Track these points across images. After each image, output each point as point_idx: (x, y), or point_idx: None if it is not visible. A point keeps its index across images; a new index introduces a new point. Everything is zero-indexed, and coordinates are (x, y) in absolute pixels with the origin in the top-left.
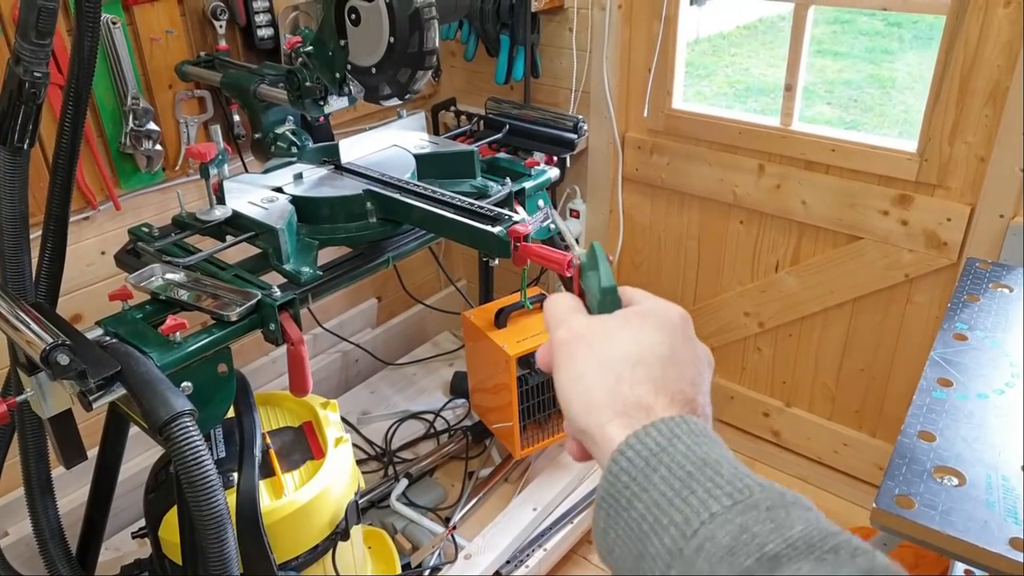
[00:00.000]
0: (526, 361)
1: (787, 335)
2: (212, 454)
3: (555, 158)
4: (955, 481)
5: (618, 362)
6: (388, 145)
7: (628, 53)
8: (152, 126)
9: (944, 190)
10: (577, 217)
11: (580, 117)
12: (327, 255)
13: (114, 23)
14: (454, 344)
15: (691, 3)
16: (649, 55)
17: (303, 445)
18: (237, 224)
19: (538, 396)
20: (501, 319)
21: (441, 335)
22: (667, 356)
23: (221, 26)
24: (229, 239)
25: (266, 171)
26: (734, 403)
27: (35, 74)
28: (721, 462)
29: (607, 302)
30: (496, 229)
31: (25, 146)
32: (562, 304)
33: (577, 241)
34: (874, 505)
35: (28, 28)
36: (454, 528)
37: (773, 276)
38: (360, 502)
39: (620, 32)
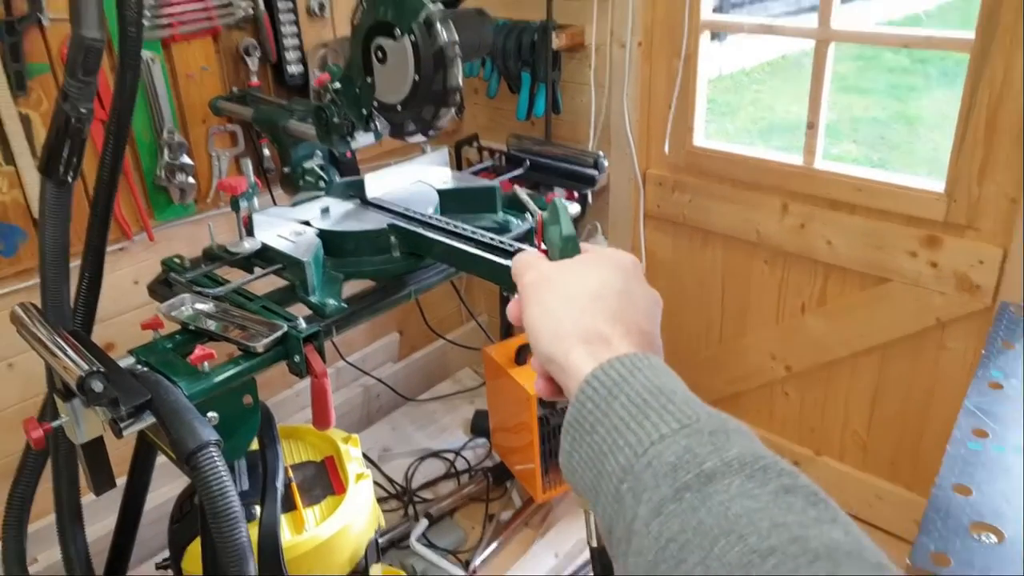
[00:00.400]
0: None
1: (815, 380)
2: (236, 486)
3: (576, 194)
4: (993, 539)
5: (580, 296)
6: (412, 180)
7: (648, 90)
8: (186, 159)
9: (975, 231)
10: None
11: (601, 153)
12: (351, 288)
13: (153, 60)
14: (475, 381)
15: (712, 39)
16: (669, 92)
17: (324, 480)
18: (266, 256)
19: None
20: (522, 356)
21: (462, 371)
22: (623, 291)
23: (253, 63)
24: (257, 271)
25: (294, 205)
26: None
27: (81, 110)
28: (676, 391)
29: (568, 248)
30: None
31: (70, 179)
32: (527, 255)
33: None
34: (908, 562)
35: (76, 66)
36: (474, 573)
37: (799, 318)
38: (380, 541)
39: (640, 69)
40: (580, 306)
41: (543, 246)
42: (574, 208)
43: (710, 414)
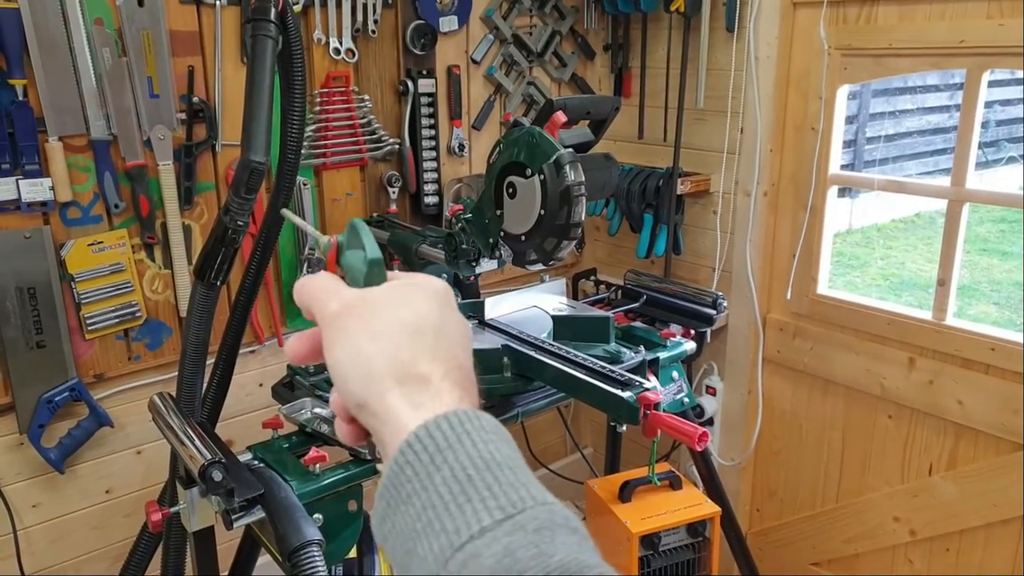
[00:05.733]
0: (650, 541)
1: (944, 549)
2: None
3: (692, 332)
4: None
5: (395, 330)
6: (528, 306)
7: (772, 237)
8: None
9: None
10: (713, 394)
11: (720, 294)
12: None
13: (304, 185)
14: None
15: (842, 195)
16: (794, 241)
17: None
18: None
19: None
20: (626, 493)
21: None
22: (439, 324)
23: (394, 192)
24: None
25: None
26: None
27: (238, 223)
28: (503, 465)
29: (374, 274)
30: (626, 394)
31: (218, 283)
32: (322, 281)
33: (711, 421)
34: None
35: (240, 185)
36: None
37: (926, 479)
38: None
39: (765, 217)
40: (395, 341)
41: (341, 275)
42: (689, 346)
43: (536, 500)
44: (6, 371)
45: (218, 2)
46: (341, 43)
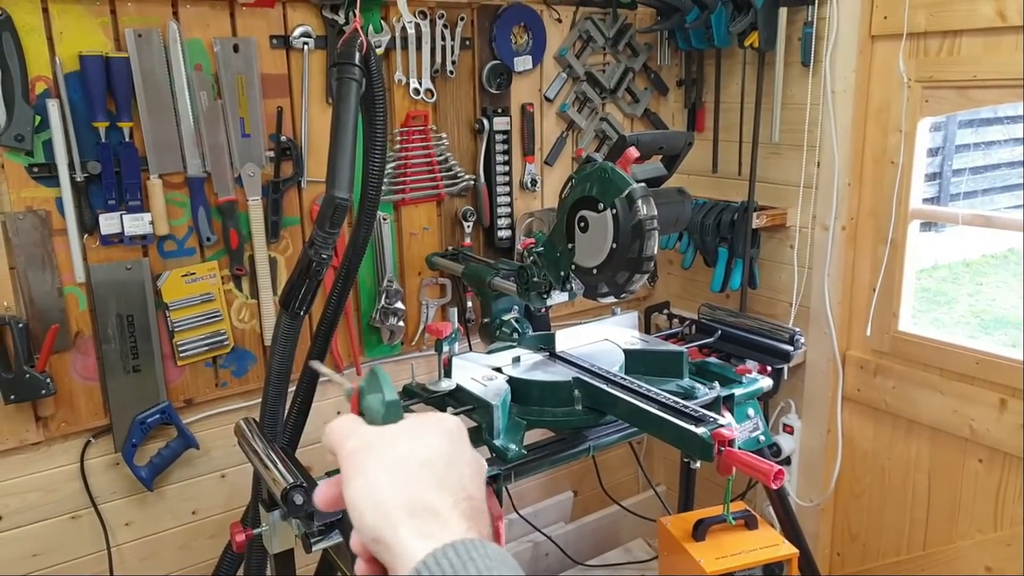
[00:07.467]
0: None
1: None
2: None
3: (769, 368)
4: None
5: (406, 464)
6: (600, 339)
7: (851, 272)
8: (399, 305)
9: None
10: (791, 433)
11: (797, 330)
12: (531, 437)
13: (384, 219)
14: (647, 554)
15: (927, 229)
16: (874, 277)
17: None
18: (458, 397)
19: None
20: (700, 531)
21: (634, 542)
22: (449, 456)
23: (469, 226)
24: (449, 411)
25: (489, 352)
26: None
27: (322, 256)
28: None
29: (391, 414)
30: (700, 430)
31: (302, 313)
32: (344, 421)
33: (788, 461)
34: None
35: (324, 220)
36: None
37: (1021, 528)
38: None
39: (843, 252)
40: (406, 475)
41: (362, 415)
42: (766, 382)
43: None
44: (105, 393)
45: (306, 47)
46: (421, 84)
